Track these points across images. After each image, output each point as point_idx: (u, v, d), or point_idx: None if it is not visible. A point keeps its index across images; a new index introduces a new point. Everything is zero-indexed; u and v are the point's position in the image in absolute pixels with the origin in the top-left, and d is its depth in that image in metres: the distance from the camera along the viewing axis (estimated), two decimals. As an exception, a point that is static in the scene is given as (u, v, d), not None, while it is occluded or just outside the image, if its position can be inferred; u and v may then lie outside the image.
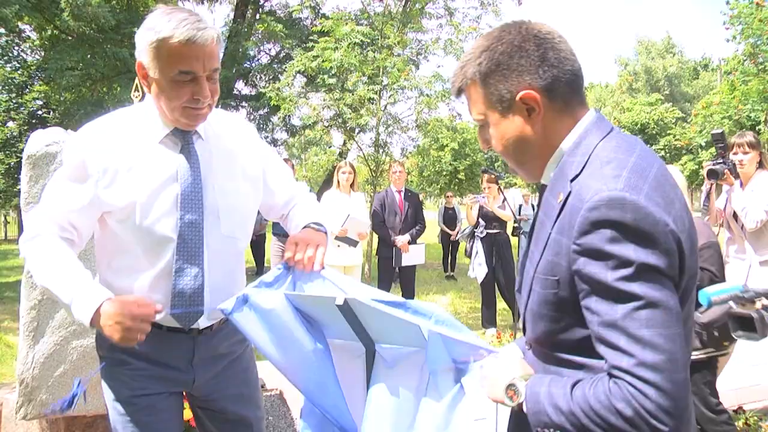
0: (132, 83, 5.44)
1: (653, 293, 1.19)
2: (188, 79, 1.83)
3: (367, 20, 10.02)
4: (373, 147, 9.51)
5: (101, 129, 1.97)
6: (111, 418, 2.08)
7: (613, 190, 1.22)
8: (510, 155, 1.47)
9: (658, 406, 1.16)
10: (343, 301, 1.94)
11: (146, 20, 1.87)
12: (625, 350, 1.19)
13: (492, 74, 1.39)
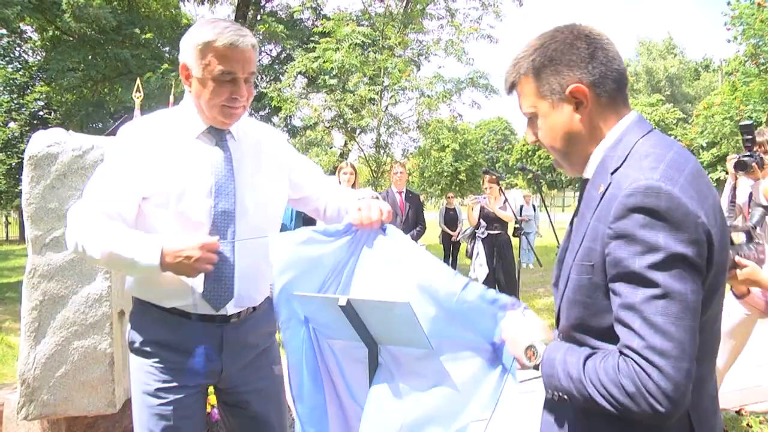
0: (133, 84, 5.46)
1: (674, 284, 1.25)
2: (228, 79, 2.01)
3: (368, 21, 10.01)
4: (374, 148, 9.51)
5: (143, 126, 2.14)
6: (137, 410, 2.17)
7: (650, 179, 1.29)
8: (556, 147, 1.54)
9: (658, 388, 1.23)
10: (346, 302, 1.94)
11: (192, 27, 2.07)
12: (637, 332, 1.27)
13: (545, 68, 1.48)
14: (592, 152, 1.50)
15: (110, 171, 2.06)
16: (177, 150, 2.08)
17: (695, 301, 1.26)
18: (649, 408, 1.25)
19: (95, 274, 3.18)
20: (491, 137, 71.56)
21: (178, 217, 2.05)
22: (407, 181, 8.92)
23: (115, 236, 1.94)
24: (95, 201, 2.02)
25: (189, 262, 1.89)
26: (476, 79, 9.29)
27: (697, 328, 1.27)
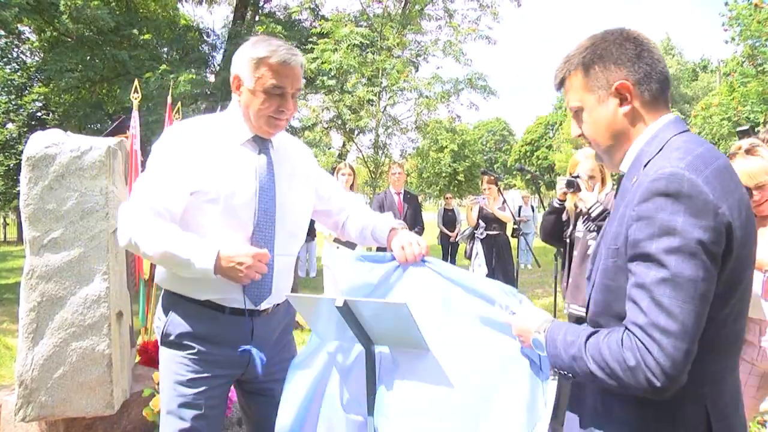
0: (131, 85, 5.46)
1: (686, 269, 1.31)
2: (278, 93, 2.19)
3: (366, 22, 10.01)
4: (372, 148, 9.51)
5: (192, 126, 2.28)
6: (167, 398, 2.28)
7: (675, 167, 1.37)
8: (600, 140, 1.62)
9: (657, 363, 1.31)
10: (343, 303, 1.95)
11: (248, 42, 2.24)
12: (644, 310, 1.35)
13: (594, 64, 1.58)
14: (629, 146, 1.58)
15: (160, 167, 2.18)
16: (224, 152, 2.23)
17: (705, 289, 1.32)
18: (646, 382, 1.33)
19: (93, 276, 3.18)
20: (490, 138, 71.65)
21: (226, 214, 2.19)
22: (405, 182, 8.93)
23: (173, 237, 2.07)
24: (145, 196, 2.14)
25: (241, 268, 2.04)
26: (474, 80, 9.29)
27: (703, 314, 1.33)
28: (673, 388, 1.33)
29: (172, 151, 2.19)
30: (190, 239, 2.09)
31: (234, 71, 2.25)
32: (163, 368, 2.31)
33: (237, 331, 2.27)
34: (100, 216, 3.22)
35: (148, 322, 5.09)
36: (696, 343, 1.33)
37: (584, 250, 4.10)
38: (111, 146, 3.31)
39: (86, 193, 3.19)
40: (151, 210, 2.11)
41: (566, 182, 4.14)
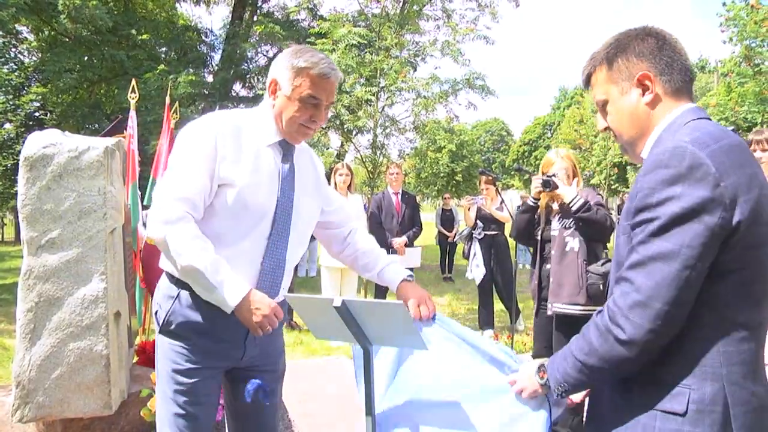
0: (129, 85, 5.46)
1: (679, 236, 1.38)
2: (313, 103, 2.26)
3: (364, 22, 10.00)
4: (370, 149, 9.50)
5: (228, 118, 2.30)
6: (162, 385, 2.33)
7: (679, 142, 1.44)
8: (623, 129, 1.68)
9: (624, 315, 1.43)
10: (341, 303, 1.95)
11: (290, 50, 2.30)
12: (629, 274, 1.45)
13: (617, 57, 1.64)
14: (650, 135, 1.63)
15: (195, 157, 2.19)
16: (253, 150, 2.28)
17: (693, 257, 1.37)
18: (613, 336, 1.44)
19: (91, 276, 3.18)
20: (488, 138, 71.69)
21: (245, 212, 2.24)
22: (403, 182, 8.92)
23: (209, 257, 2.11)
24: (183, 189, 2.15)
25: (258, 315, 2.11)
26: (473, 80, 9.28)
27: (690, 279, 1.38)
28: (640, 343, 1.41)
29: (207, 140, 2.20)
30: (226, 268, 2.13)
31: (272, 75, 2.30)
32: (160, 354, 2.35)
33: (234, 328, 2.30)
34: (98, 216, 3.22)
35: (146, 323, 5.09)
36: (674, 305, 1.39)
37: (562, 247, 4.14)
38: (109, 146, 3.31)
39: (84, 194, 3.19)
40: (190, 204, 2.15)
41: (542, 182, 4.18)
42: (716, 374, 1.42)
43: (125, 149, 4.20)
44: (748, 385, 1.44)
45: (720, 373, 1.42)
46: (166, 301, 2.32)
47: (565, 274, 4.07)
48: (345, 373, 5.97)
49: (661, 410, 1.46)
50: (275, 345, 2.55)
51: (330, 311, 1.99)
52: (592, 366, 1.52)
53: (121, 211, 3.61)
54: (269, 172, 2.30)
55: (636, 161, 1.74)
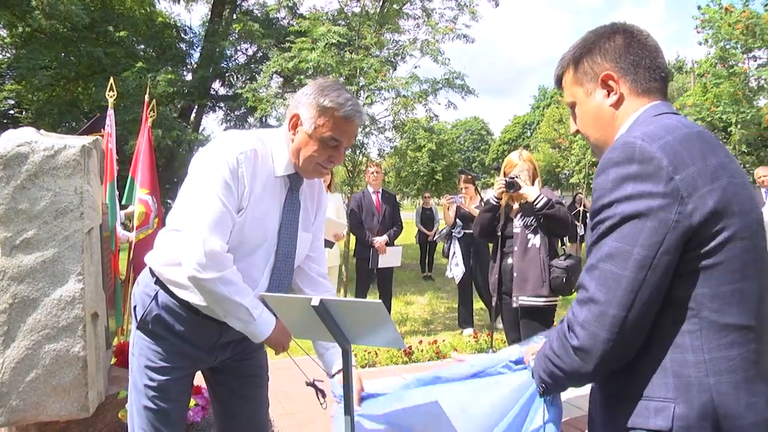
0: (107, 83, 5.40)
1: (632, 237, 1.30)
2: (333, 145, 2.22)
3: (344, 20, 9.98)
4: (349, 148, 9.49)
5: (250, 142, 2.21)
6: (137, 382, 2.33)
7: (628, 137, 1.38)
8: (589, 132, 1.63)
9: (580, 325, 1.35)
10: (319, 302, 1.95)
11: (317, 84, 2.23)
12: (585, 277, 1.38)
13: (583, 57, 1.60)
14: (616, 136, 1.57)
15: (223, 190, 2.12)
16: (264, 178, 2.23)
17: (649, 257, 1.29)
18: (569, 343, 1.37)
19: (67, 276, 3.14)
20: (468, 137, 71.92)
21: (247, 235, 2.20)
22: (383, 181, 8.93)
23: (251, 294, 2.19)
24: (219, 229, 2.11)
25: (281, 343, 2.28)
26: (452, 79, 9.31)
27: (645, 281, 1.29)
28: (594, 352, 1.33)
29: (234, 168, 2.14)
30: (260, 305, 2.21)
31: (294, 109, 2.25)
32: (136, 350, 2.36)
33: (208, 333, 2.34)
34: (75, 216, 3.18)
35: (125, 323, 5.05)
36: (632, 310, 1.30)
37: (525, 244, 4.43)
38: (86, 145, 3.27)
39: (60, 193, 3.16)
40: (225, 243, 2.13)
41: (507, 183, 4.44)
42: (703, 385, 1.29)
43: (103, 148, 4.16)
44: (741, 395, 1.29)
45: (707, 383, 1.29)
46: (145, 298, 2.31)
47: (528, 269, 4.36)
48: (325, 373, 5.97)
49: (644, 429, 1.33)
50: (250, 345, 2.52)
51: (308, 310, 1.99)
52: (556, 373, 1.46)
53: (99, 211, 3.58)
54: (275, 204, 2.28)
55: None
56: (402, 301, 10.46)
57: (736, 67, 16.80)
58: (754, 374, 1.32)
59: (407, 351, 6.57)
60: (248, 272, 2.25)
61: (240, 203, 2.16)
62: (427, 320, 9.11)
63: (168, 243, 2.30)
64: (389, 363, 6.46)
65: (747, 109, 16.56)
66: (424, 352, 6.71)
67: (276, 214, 2.29)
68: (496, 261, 4.67)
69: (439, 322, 8.96)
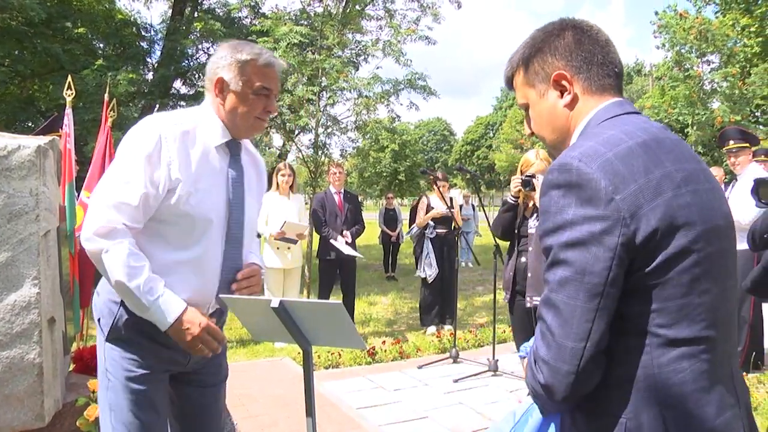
0: (65, 81, 5.28)
1: (578, 263, 1.26)
2: (265, 94, 2.25)
3: (306, 20, 9.96)
4: (312, 148, 9.48)
5: (172, 119, 2.21)
6: (116, 397, 2.22)
7: (565, 157, 1.32)
8: (544, 134, 1.58)
9: (542, 360, 1.31)
10: (279, 303, 1.96)
11: (227, 47, 2.27)
12: (541, 307, 1.35)
13: (533, 58, 1.53)
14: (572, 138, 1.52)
15: (141, 161, 2.09)
16: (200, 152, 2.21)
17: (599, 284, 1.25)
18: (536, 380, 1.33)
19: (23, 280, 3.07)
20: (431, 138, 72.28)
21: (197, 212, 2.17)
22: (346, 182, 8.94)
23: (144, 278, 2.05)
24: (124, 198, 2.07)
25: (191, 335, 2.10)
26: (414, 80, 9.36)
27: (600, 310, 1.26)
28: (564, 386, 1.29)
29: (150, 143, 2.11)
30: (159, 286, 2.09)
31: (214, 76, 2.26)
32: (110, 366, 2.24)
33: None
34: (30, 218, 3.12)
35: (84, 328, 4.96)
36: (588, 340, 1.26)
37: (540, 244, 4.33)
38: (41, 145, 3.21)
39: (14, 195, 3.08)
40: (130, 217, 2.07)
41: (523, 181, 4.44)
42: (652, 399, 1.28)
43: (60, 148, 4.08)
44: (690, 408, 1.28)
45: (656, 398, 1.28)
46: (111, 306, 2.22)
47: (543, 269, 4.29)
48: (289, 375, 5.96)
49: None
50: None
51: (268, 312, 1.99)
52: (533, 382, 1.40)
53: (56, 213, 3.51)
54: (218, 175, 2.26)
55: None
56: (365, 302, 10.47)
57: (691, 71, 17.34)
58: (704, 385, 1.29)
59: (371, 351, 6.59)
60: (207, 255, 2.22)
61: (168, 182, 2.11)
62: (391, 320, 9.15)
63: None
64: (353, 364, 6.47)
65: (701, 111, 17.06)
66: (388, 353, 6.74)
67: (222, 187, 2.27)
68: (511, 258, 4.67)
69: (403, 322, 9.00)
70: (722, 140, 6.42)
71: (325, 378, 5.87)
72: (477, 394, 5.44)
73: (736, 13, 19.07)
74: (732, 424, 1.31)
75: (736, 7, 19.31)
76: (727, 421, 1.30)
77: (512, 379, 5.82)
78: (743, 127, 10.50)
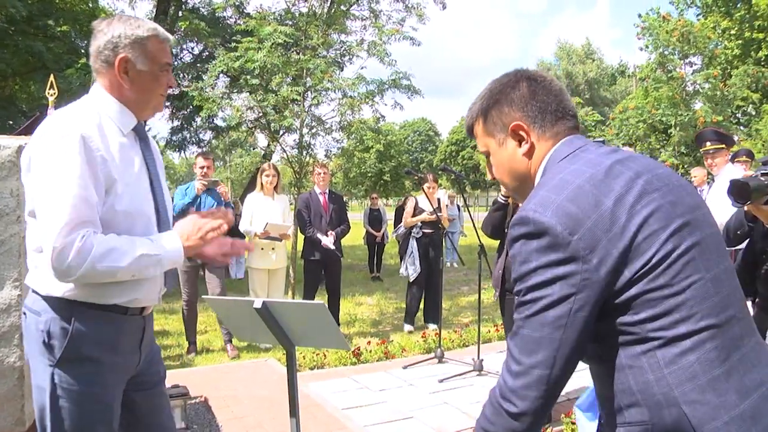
0: (47, 79, 5.22)
1: (543, 303, 1.35)
2: (167, 69, 2.18)
3: (291, 20, 9.93)
4: (296, 149, 9.46)
5: (80, 115, 2.04)
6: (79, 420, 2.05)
7: (522, 210, 1.41)
8: (507, 181, 1.66)
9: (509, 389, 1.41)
10: (261, 304, 1.96)
11: (119, 24, 2.11)
12: (509, 344, 1.44)
13: (491, 109, 1.61)
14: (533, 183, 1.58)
15: (69, 169, 1.92)
16: (116, 144, 2.08)
17: (563, 316, 1.34)
18: (504, 410, 1.41)
19: (3, 282, 3.05)
20: (415, 138, 72.35)
21: (134, 208, 2.09)
22: (331, 182, 8.93)
23: (132, 242, 1.99)
24: (68, 212, 1.89)
25: (200, 240, 2.11)
26: (398, 79, 9.37)
27: (564, 340, 1.35)
28: (533, 411, 1.38)
29: (77, 146, 1.94)
30: (145, 240, 2.04)
31: (116, 54, 2.09)
32: (65, 392, 2.05)
33: (134, 333, 2.21)
34: (11, 219, 3.09)
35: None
36: (554, 367, 1.36)
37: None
38: (23, 145, 3.18)
39: (-5, 195, 3.06)
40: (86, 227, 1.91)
41: None
42: (669, 399, 1.31)
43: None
44: (709, 398, 1.29)
45: (673, 397, 1.30)
46: (62, 325, 2.03)
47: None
48: (274, 376, 5.94)
49: None
50: (153, 350, 2.41)
51: (251, 313, 1.99)
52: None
53: (36, 213, 3.48)
54: (137, 164, 2.15)
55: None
56: (351, 302, 10.46)
57: (674, 72, 17.55)
58: (718, 373, 1.31)
59: (356, 352, 6.59)
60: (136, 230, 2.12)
61: (106, 182, 2.00)
62: (376, 321, 9.15)
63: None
64: (338, 364, 6.46)
65: (684, 112, 17.25)
66: (373, 353, 6.73)
67: (144, 174, 2.18)
68: (501, 256, 4.72)
69: (388, 323, 9.00)
70: (699, 141, 6.50)
71: (311, 379, 5.86)
72: (462, 394, 5.45)
73: (716, 15, 19.35)
74: (761, 405, 1.33)
75: (717, 10, 19.59)
76: (755, 404, 1.32)
77: (497, 378, 5.82)
78: (721, 128, 10.62)
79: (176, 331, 8.18)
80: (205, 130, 18.38)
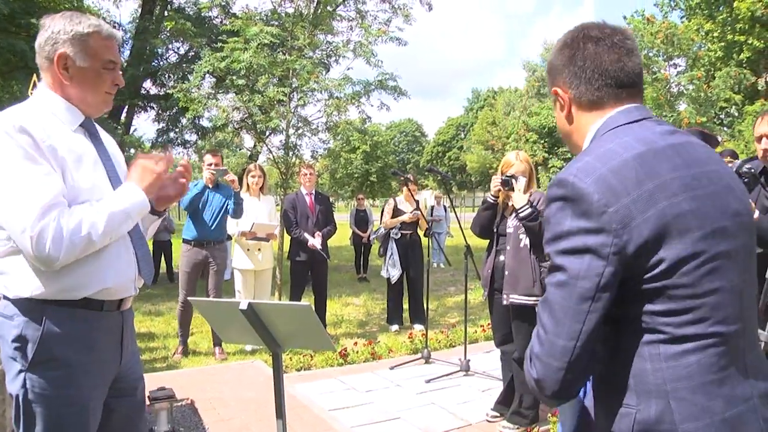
0: (30, 79, 5.17)
1: (572, 270, 1.35)
2: (111, 67, 2.14)
3: (277, 21, 9.90)
4: (283, 149, 9.43)
5: (21, 115, 1.98)
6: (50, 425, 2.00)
7: (564, 173, 1.41)
8: (565, 138, 1.69)
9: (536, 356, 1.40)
10: (247, 306, 1.95)
11: (60, 20, 2.09)
12: (539, 309, 1.44)
13: (548, 74, 1.66)
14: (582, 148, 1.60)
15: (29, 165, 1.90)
16: (64, 142, 2.02)
17: (590, 288, 1.33)
18: (530, 375, 1.42)
19: None
20: (402, 139, 72.51)
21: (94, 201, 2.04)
22: (317, 183, 8.91)
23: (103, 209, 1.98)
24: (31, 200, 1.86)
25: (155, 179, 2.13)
26: (385, 80, 9.37)
27: (590, 312, 1.34)
28: (555, 381, 1.37)
29: (30, 140, 1.91)
30: (109, 198, 2.04)
31: (53, 52, 2.06)
32: (38, 398, 1.99)
33: (113, 330, 2.16)
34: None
35: None
36: (578, 339, 1.35)
37: (517, 243, 4.52)
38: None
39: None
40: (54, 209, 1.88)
41: (502, 181, 4.55)
42: (661, 391, 1.35)
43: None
44: (698, 399, 1.34)
45: (664, 390, 1.35)
46: (32, 326, 1.98)
47: (520, 268, 4.45)
48: (260, 378, 5.92)
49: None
50: (134, 351, 2.35)
51: (237, 315, 1.98)
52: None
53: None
54: (90, 162, 2.10)
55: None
56: (337, 303, 10.45)
57: (659, 74, 17.69)
58: (713, 378, 1.34)
59: (342, 353, 6.58)
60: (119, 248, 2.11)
61: (61, 172, 1.97)
62: (363, 321, 9.14)
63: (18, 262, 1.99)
64: (325, 366, 6.45)
65: (669, 113, 17.39)
66: (360, 354, 6.73)
67: (101, 172, 2.13)
68: (490, 256, 4.76)
69: (375, 324, 9.00)
70: None
71: (297, 380, 5.85)
72: (449, 395, 5.46)
73: (700, 18, 19.55)
74: (745, 417, 1.36)
75: (700, 13, 19.80)
76: (740, 414, 1.35)
77: (484, 378, 5.86)
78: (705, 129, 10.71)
79: (162, 333, 8.13)
80: (191, 131, 18.30)
